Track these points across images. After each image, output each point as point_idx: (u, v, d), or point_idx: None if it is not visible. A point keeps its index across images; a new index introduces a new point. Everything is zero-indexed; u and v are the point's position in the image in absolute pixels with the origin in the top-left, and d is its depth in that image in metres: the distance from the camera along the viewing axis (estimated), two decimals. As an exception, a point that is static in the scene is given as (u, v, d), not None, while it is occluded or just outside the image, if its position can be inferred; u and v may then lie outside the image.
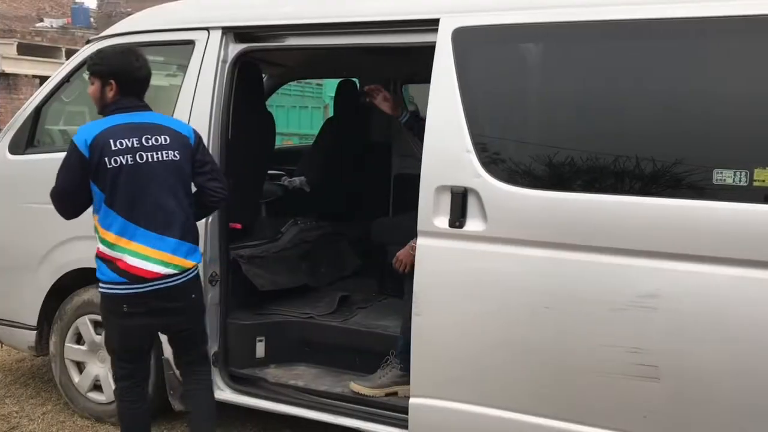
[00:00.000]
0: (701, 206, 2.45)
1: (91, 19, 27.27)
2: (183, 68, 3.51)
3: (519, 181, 2.71)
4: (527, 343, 2.71)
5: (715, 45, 2.53)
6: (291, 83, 8.35)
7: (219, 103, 3.37)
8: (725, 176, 2.41)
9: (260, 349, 3.57)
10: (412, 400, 2.97)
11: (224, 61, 3.39)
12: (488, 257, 2.74)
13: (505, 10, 2.77)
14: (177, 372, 3.49)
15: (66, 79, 3.84)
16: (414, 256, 2.95)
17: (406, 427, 3.04)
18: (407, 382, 3.24)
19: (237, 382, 3.49)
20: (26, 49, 15.12)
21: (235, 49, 3.40)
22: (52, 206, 3.71)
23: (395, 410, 3.14)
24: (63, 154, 3.85)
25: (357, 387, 3.29)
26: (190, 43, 3.47)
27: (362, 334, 3.50)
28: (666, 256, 2.50)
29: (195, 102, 3.39)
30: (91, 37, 3.97)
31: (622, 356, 2.56)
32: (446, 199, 2.78)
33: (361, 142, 4.99)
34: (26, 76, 14.62)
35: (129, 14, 25.10)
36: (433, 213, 2.81)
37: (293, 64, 4.84)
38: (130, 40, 3.73)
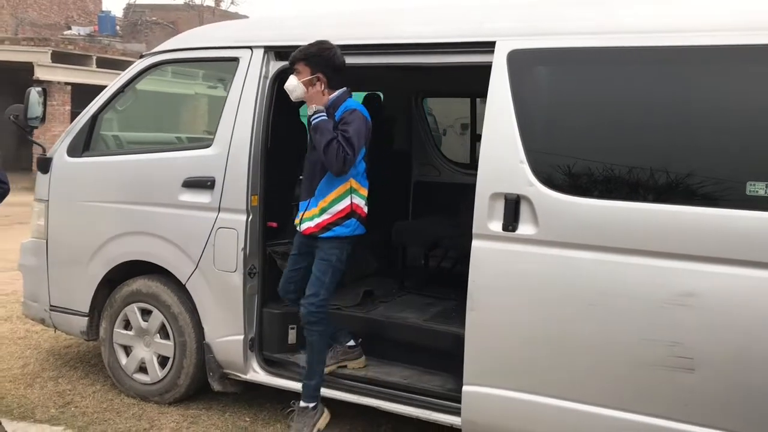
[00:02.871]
0: (735, 215, 2.70)
1: (117, 28, 27.95)
2: (228, 82, 3.90)
3: (568, 189, 2.97)
4: (574, 337, 2.96)
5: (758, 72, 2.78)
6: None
7: (260, 114, 3.75)
8: (758, 188, 2.67)
9: (292, 336, 3.93)
10: (465, 388, 3.21)
11: (265, 77, 3.77)
12: (539, 259, 3.00)
13: (556, 34, 3.09)
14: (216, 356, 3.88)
15: (121, 90, 4.25)
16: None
17: (427, 407, 3.37)
18: (356, 357, 3.70)
19: (270, 365, 3.85)
20: (59, 57, 15.70)
21: (275, 66, 3.78)
22: (105, 204, 4.17)
23: (428, 394, 3.46)
24: (115, 158, 4.31)
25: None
26: (235, 60, 3.85)
27: (384, 324, 3.83)
28: (702, 259, 2.75)
29: (239, 113, 3.77)
30: (144, 52, 4.37)
31: (661, 349, 2.79)
32: (500, 205, 3.05)
33: (384, 151, 5.36)
34: (59, 83, 15.17)
35: (154, 23, 25.58)
36: (487, 218, 3.08)
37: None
38: (181, 56, 4.16)
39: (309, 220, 3.45)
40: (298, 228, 3.53)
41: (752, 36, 2.74)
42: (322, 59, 3.36)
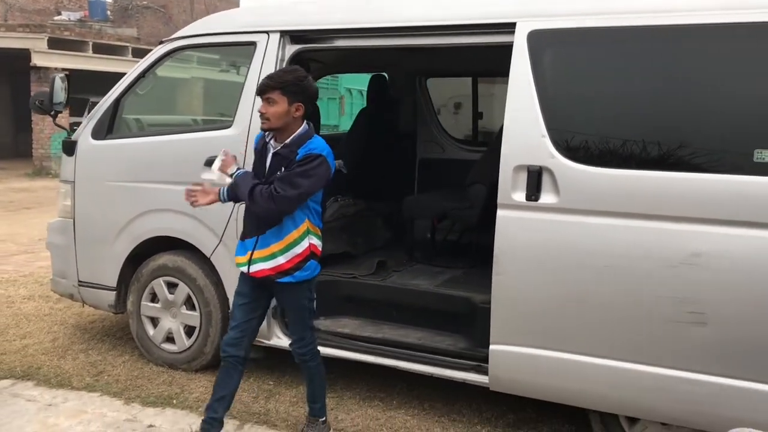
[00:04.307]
0: (743, 180, 2.88)
1: (108, 12, 27.83)
2: (246, 66, 4.10)
3: (587, 160, 3.15)
4: (593, 297, 3.14)
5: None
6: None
7: (278, 95, 3.96)
8: (764, 155, 2.84)
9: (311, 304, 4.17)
10: (492, 347, 3.40)
11: (282, 60, 3.95)
12: (560, 225, 3.19)
13: (573, 15, 3.26)
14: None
15: (142, 75, 4.45)
16: (211, 199, 3.21)
17: (445, 366, 3.60)
18: None
19: (292, 331, 4.09)
20: (54, 43, 15.75)
21: (291, 49, 3.97)
22: (130, 184, 4.38)
23: (446, 354, 3.68)
24: (139, 139, 4.51)
25: None
26: (252, 44, 4.04)
27: (400, 291, 4.07)
28: (709, 222, 2.93)
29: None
30: (163, 39, 4.56)
31: (674, 306, 2.99)
32: (523, 177, 3.24)
33: (390, 130, 5.60)
34: (56, 69, 15.24)
35: (145, 7, 25.39)
36: (511, 188, 3.27)
37: (331, 62, 5.43)
38: (200, 41, 4.36)
39: (262, 261, 3.17)
40: (245, 269, 3.22)
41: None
42: (299, 88, 3.08)
